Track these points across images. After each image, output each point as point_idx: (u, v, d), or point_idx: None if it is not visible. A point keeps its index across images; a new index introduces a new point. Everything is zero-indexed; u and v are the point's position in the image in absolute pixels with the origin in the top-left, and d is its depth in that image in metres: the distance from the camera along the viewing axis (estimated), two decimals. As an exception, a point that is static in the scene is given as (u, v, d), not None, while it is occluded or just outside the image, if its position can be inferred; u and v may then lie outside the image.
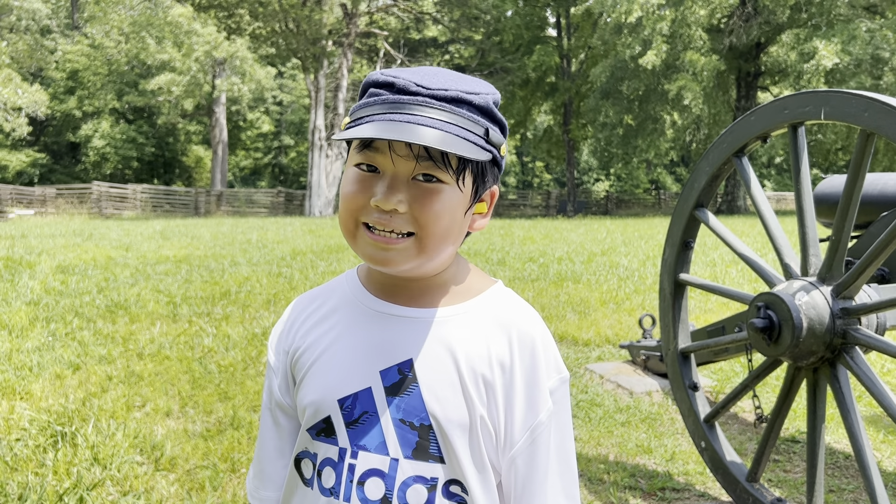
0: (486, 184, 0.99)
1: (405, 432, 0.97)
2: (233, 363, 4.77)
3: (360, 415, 0.98)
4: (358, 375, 0.99)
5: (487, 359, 0.97)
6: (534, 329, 1.00)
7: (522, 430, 0.97)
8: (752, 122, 2.61)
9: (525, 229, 18.41)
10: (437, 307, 1.01)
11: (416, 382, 0.97)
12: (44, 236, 13.29)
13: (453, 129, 0.90)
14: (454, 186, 0.94)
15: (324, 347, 1.04)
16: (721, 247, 12.17)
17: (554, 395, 0.99)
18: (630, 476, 3.16)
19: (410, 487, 0.96)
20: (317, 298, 1.11)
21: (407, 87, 0.92)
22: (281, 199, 35.27)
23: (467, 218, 0.99)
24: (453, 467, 0.96)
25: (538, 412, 0.97)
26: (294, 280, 8.38)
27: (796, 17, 27.45)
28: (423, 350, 0.98)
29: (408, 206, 0.92)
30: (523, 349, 0.98)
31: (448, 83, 0.94)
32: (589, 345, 5.59)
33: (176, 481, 3.01)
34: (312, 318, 1.08)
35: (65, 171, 41.87)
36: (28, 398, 3.98)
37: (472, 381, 0.96)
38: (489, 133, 0.94)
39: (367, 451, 0.97)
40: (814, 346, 2.28)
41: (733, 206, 32.51)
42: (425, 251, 0.94)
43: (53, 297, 6.90)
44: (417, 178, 0.92)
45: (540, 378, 0.98)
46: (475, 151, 0.91)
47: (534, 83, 35.25)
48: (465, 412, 0.96)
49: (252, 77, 31.41)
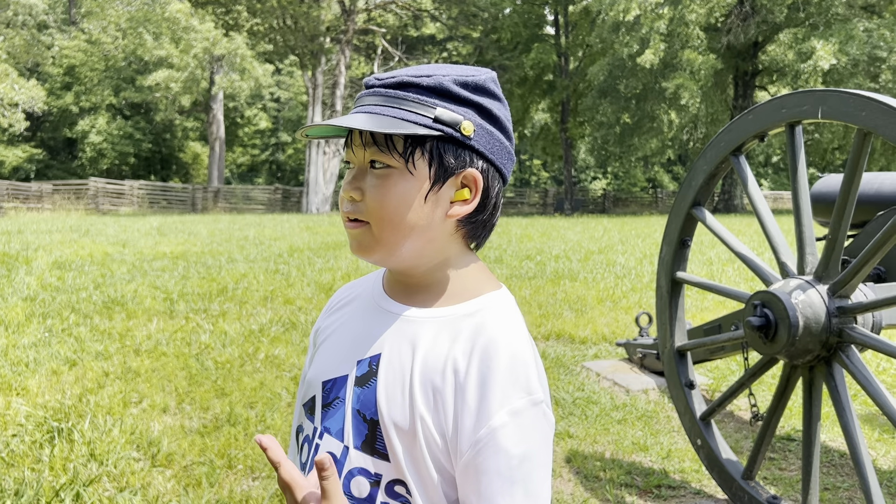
0: (450, 166, 0.95)
1: (359, 423, 0.98)
2: (230, 360, 4.77)
3: (333, 399, 1.02)
4: (342, 362, 1.03)
5: (442, 364, 0.94)
6: (504, 341, 0.94)
7: (468, 442, 0.91)
8: (749, 120, 2.61)
9: (522, 227, 18.42)
10: (425, 307, 1.00)
11: (376, 377, 0.98)
12: (40, 232, 13.27)
13: (387, 112, 0.93)
14: (403, 170, 0.94)
15: (332, 332, 1.10)
16: (718, 245, 12.19)
17: (517, 416, 0.91)
18: (626, 473, 3.17)
19: (354, 478, 0.96)
20: (351, 288, 1.17)
21: (368, 82, 0.98)
22: (278, 196, 35.23)
23: (433, 203, 0.96)
24: (396, 466, 0.95)
25: (481, 427, 0.90)
26: (291, 277, 8.38)
27: (794, 17, 27.47)
28: (391, 347, 0.99)
29: (363, 193, 0.96)
30: (483, 360, 0.92)
31: (409, 71, 0.97)
32: (585, 342, 5.59)
33: (172, 477, 3.02)
34: (338, 305, 1.15)
35: (61, 167, 41.76)
36: (24, 394, 3.98)
37: (420, 385, 0.94)
38: (437, 114, 0.93)
39: (329, 435, 1.01)
40: (810, 344, 2.29)
41: (730, 204, 32.55)
42: (381, 237, 0.96)
43: (50, 292, 6.89)
44: (373, 165, 0.96)
45: (493, 392, 0.91)
46: (406, 128, 0.91)
47: (531, 81, 35.22)
48: (405, 414, 0.94)
49: (250, 74, 31.34)
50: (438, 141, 0.94)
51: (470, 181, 0.98)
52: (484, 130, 0.97)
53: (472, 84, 0.96)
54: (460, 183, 0.97)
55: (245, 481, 3.01)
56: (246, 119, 48.22)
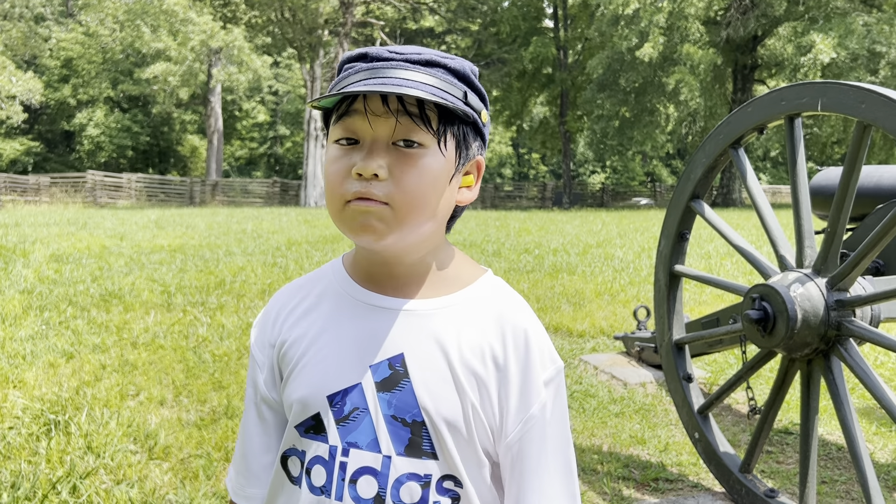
0: (470, 151, 0.95)
1: (397, 429, 0.94)
2: (227, 353, 4.77)
3: (351, 411, 0.95)
4: (347, 371, 0.96)
5: (480, 354, 0.95)
6: (526, 322, 0.98)
7: (516, 422, 0.95)
8: (748, 113, 2.60)
9: (521, 221, 18.41)
10: (426, 298, 0.97)
11: (408, 378, 0.94)
12: (38, 225, 13.24)
13: (429, 88, 0.88)
14: (436, 150, 0.89)
15: (310, 340, 0.99)
16: (716, 239, 12.19)
17: (549, 385, 0.97)
18: (624, 467, 3.17)
19: (404, 485, 0.93)
20: (301, 289, 1.06)
21: (380, 54, 0.91)
22: (276, 189, 35.19)
23: (452, 187, 0.95)
24: (447, 463, 0.94)
25: (531, 404, 0.95)
26: (289, 270, 8.37)
27: (793, 10, 27.42)
28: (414, 345, 0.95)
29: (388, 172, 0.87)
30: (517, 344, 0.96)
31: (421, 50, 0.92)
32: (583, 336, 5.59)
33: (169, 470, 3.01)
34: (298, 310, 1.03)
35: (59, 160, 41.70)
36: (21, 386, 3.97)
37: (464, 376, 0.94)
38: (467, 96, 0.92)
39: (358, 449, 0.94)
40: (808, 337, 2.29)
41: (728, 198, 32.54)
42: (405, 220, 0.89)
43: (47, 285, 6.88)
44: (398, 143, 0.88)
45: (534, 370, 0.95)
46: (455, 103, 0.89)
47: (530, 74, 35.17)
48: (457, 408, 0.94)
49: (249, 66, 31.26)
50: (462, 124, 0.93)
51: (474, 169, 0.99)
52: (488, 121, 0.99)
53: (476, 73, 0.96)
54: (467, 169, 0.98)
55: (242, 474, 3.00)
56: (244, 112, 48.14)
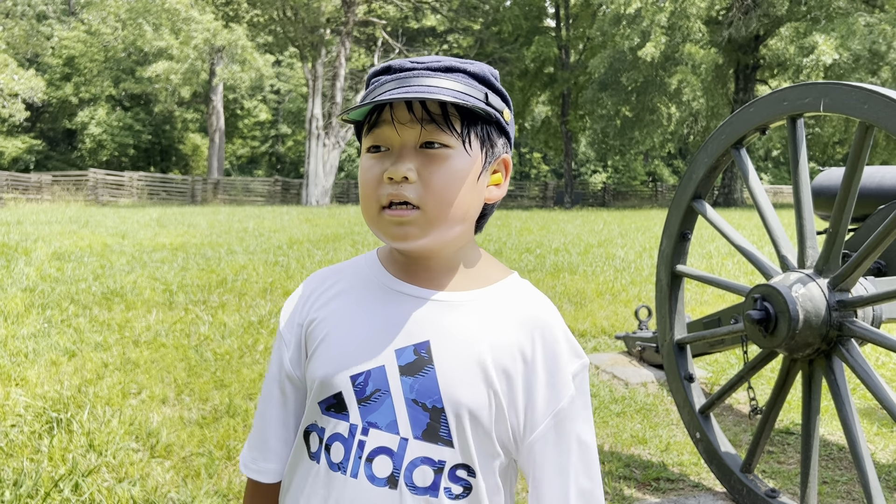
0: (495, 149, 1.00)
1: (417, 413, 0.96)
2: (229, 351, 4.77)
3: (373, 392, 0.98)
4: (372, 352, 0.99)
5: (509, 350, 0.98)
6: (554, 320, 1.02)
7: (545, 415, 0.98)
8: (751, 113, 2.60)
9: (522, 220, 18.41)
10: (455, 290, 1.01)
11: (432, 364, 0.97)
12: (40, 223, 13.25)
13: (450, 92, 0.93)
14: (461, 150, 0.94)
15: (337, 320, 1.04)
16: (717, 239, 12.18)
17: (576, 378, 1.00)
18: (625, 466, 3.17)
19: (418, 468, 0.96)
20: (335, 274, 1.11)
21: (402, 65, 0.97)
22: (278, 188, 35.18)
23: (480, 185, 0.99)
24: (462, 451, 0.97)
25: (561, 398, 0.98)
26: (290, 269, 8.37)
27: (795, 10, 27.39)
28: (440, 333, 0.98)
29: (417, 174, 0.93)
30: (546, 342, 0.99)
31: (441, 58, 0.98)
32: (585, 336, 5.59)
33: (171, 468, 3.02)
34: (329, 293, 1.08)
35: (61, 158, 41.72)
36: (23, 384, 3.98)
37: (492, 368, 0.97)
38: (488, 97, 0.97)
39: (377, 429, 0.97)
40: (810, 338, 2.29)
41: (730, 198, 32.52)
42: (437, 221, 0.94)
43: (49, 283, 6.88)
44: (424, 146, 0.94)
45: (562, 366, 0.99)
46: (477, 104, 0.94)
47: (532, 74, 35.14)
48: (478, 398, 0.96)
49: (251, 65, 31.26)
50: (485, 124, 0.98)
51: (503, 167, 1.04)
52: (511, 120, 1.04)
53: (496, 76, 1.01)
54: (494, 168, 1.02)
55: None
56: (246, 111, 48.14)
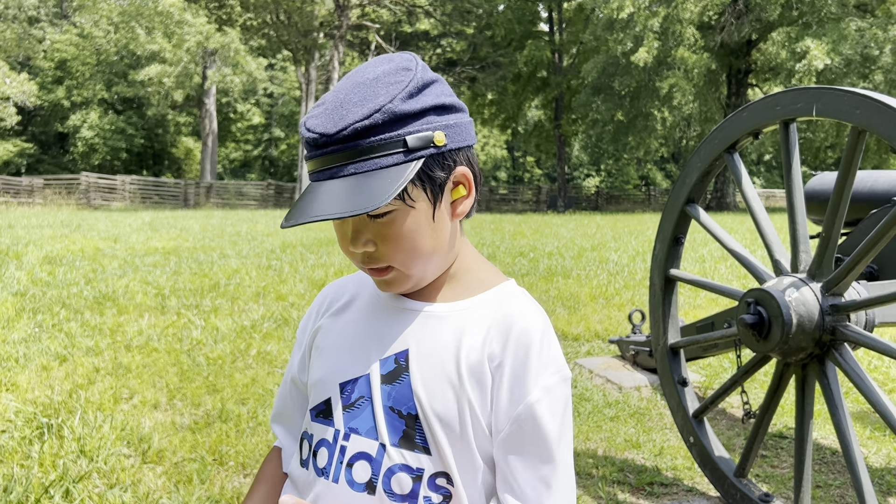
0: (442, 179, 0.94)
1: (394, 420, 0.98)
2: (221, 356, 4.75)
3: (357, 399, 1.01)
4: (360, 362, 1.02)
5: (480, 354, 0.97)
6: (533, 327, 0.98)
7: (506, 419, 0.96)
8: (744, 118, 2.61)
9: (515, 224, 18.43)
10: (446, 301, 1.03)
11: (408, 372, 0.98)
12: (31, 227, 13.19)
13: (361, 170, 0.88)
14: (404, 208, 0.93)
15: (338, 331, 1.09)
16: (710, 243, 12.22)
17: (551, 391, 0.97)
18: (618, 471, 3.17)
19: (395, 475, 0.96)
20: (346, 285, 1.16)
21: (314, 140, 0.90)
22: (271, 192, 35.13)
23: (441, 218, 0.97)
24: (440, 459, 0.96)
25: (518, 403, 0.95)
26: (283, 273, 8.35)
27: (787, 15, 27.55)
28: (420, 342, 1.00)
29: (375, 245, 0.95)
30: (518, 346, 0.97)
31: (349, 115, 0.89)
32: (578, 339, 5.59)
33: (163, 474, 3.00)
34: (337, 304, 1.13)
35: (53, 162, 41.53)
36: (14, 390, 3.95)
37: (466, 376, 0.97)
38: (408, 143, 0.89)
39: (358, 435, 0.99)
40: (803, 342, 2.29)
41: (723, 202, 32.65)
42: (410, 272, 0.98)
43: (40, 287, 6.85)
44: (370, 217, 0.94)
45: (529, 371, 0.96)
46: (391, 187, 0.87)
47: (525, 78, 35.24)
48: (452, 405, 0.96)
49: (244, 69, 31.22)
50: (418, 168, 0.91)
51: (462, 178, 0.98)
52: (449, 127, 0.94)
53: (415, 89, 0.91)
54: (453, 184, 0.98)
55: (236, 478, 2.99)
56: (239, 114, 48.06)
